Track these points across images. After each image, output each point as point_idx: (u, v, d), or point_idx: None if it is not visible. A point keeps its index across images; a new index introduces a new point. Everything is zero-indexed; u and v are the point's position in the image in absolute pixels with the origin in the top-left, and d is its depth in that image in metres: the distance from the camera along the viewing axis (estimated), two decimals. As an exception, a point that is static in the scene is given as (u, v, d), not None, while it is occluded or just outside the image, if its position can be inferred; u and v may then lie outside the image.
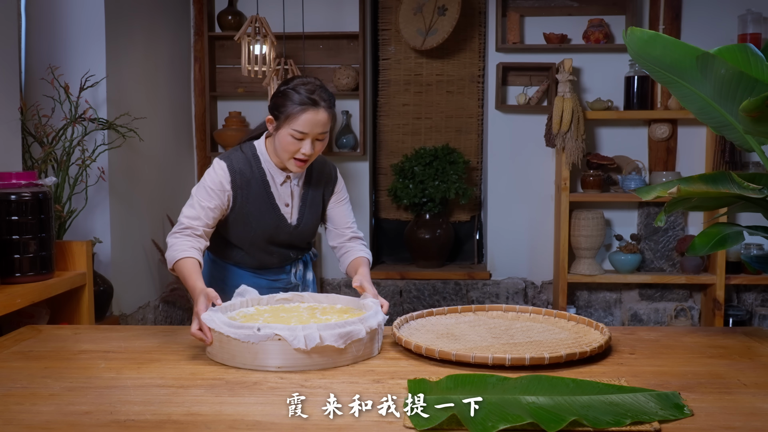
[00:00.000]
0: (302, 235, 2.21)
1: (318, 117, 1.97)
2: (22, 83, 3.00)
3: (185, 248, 1.95)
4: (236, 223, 2.13)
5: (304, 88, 1.98)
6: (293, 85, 2.00)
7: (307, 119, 1.96)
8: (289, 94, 1.98)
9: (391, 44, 4.60)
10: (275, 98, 2.03)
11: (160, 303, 3.93)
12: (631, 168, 4.23)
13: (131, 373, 1.61)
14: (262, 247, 2.18)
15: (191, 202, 2.05)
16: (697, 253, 2.00)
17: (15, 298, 2.21)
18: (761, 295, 4.30)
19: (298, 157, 2.01)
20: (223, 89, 4.52)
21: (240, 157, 2.11)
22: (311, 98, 1.96)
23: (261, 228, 2.13)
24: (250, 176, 2.09)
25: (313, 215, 2.20)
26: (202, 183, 2.07)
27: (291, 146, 2.00)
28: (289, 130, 1.98)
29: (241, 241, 2.17)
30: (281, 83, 2.06)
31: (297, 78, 2.04)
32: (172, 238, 2.01)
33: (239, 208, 2.10)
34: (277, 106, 2.01)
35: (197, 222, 2.01)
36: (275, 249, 2.20)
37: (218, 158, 2.10)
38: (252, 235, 2.15)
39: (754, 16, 3.96)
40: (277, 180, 2.12)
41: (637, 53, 1.75)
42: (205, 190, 2.05)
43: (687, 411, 1.35)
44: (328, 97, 2.00)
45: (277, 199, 2.13)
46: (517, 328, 1.95)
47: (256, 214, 2.11)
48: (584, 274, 4.15)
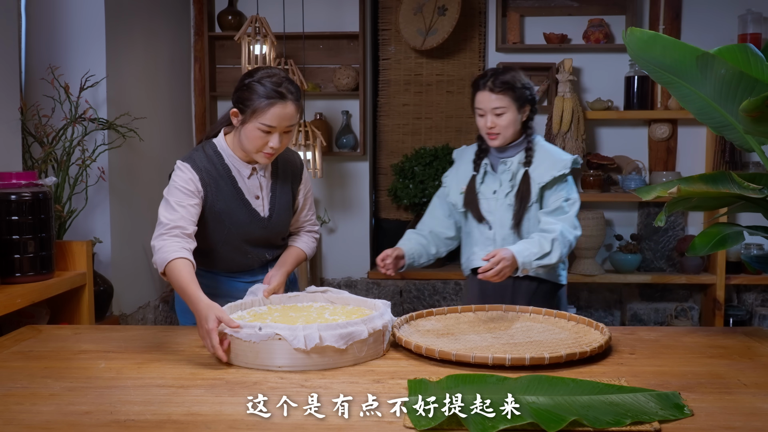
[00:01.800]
0: (276, 228, 2.13)
1: (286, 110, 1.91)
2: (22, 83, 3.00)
3: (176, 249, 1.85)
4: (208, 224, 2.03)
5: (270, 81, 1.91)
6: (258, 78, 1.92)
7: (274, 113, 1.90)
8: (254, 87, 1.91)
9: (391, 44, 4.60)
10: (240, 91, 1.95)
11: (160, 303, 3.93)
12: (631, 168, 4.23)
13: (131, 373, 1.61)
14: (236, 246, 2.09)
15: (168, 205, 1.94)
16: (697, 253, 2.00)
17: (15, 298, 2.21)
18: (761, 295, 4.30)
19: (266, 150, 1.95)
20: (224, 89, 4.51)
21: (201, 156, 2.03)
22: (278, 91, 1.90)
23: (234, 226, 2.05)
24: (216, 174, 2.02)
25: (284, 206, 2.12)
26: (173, 185, 1.97)
27: (258, 140, 1.93)
28: (256, 123, 1.91)
29: (213, 242, 2.07)
30: (245, 75, 1.98)
31: (261, 69, 1.96)
32: (159, 241, 1.88)
33: (209, 207, 2.01)
34: (243, 99, 1.93)
35: (183, 221, 1.91)
36: (250, 249, 2.11)
37: (180, 160, 2.01)
38: (226, 234, 2.06)
39: (754, 16, 3.96)
40: (244, 173, 2.05)
41: (637, 53, 1.75)
42: (179, 191, 1.96)
43: (687, 411, 1.35)
44: (294, 89, 1.94)
45: (247, 194, 2.06)
46: (517, 328, 1.95)
47: (227, 212, 2.03)
48: (584, 274, 4.14)
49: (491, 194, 2.31)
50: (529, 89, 2.25)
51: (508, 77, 2.21)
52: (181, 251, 1.85)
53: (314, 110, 4.40)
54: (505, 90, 2.20)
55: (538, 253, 2.11)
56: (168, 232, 1.89)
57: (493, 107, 2.21)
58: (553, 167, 2.23)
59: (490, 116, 2.22)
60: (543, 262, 2.12)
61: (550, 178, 2.22)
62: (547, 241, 2.14)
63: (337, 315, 1.85)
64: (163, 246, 1.86)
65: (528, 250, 2.11)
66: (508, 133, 2.24)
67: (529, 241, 2.15)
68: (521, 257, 2.08)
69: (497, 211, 2.29)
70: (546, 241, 2.14)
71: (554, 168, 2.23)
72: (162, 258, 1.84)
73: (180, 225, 1.90)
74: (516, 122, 2.24)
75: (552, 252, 2.13)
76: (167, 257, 1.83)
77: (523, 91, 2.23)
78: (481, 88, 2.23)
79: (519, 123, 2.26)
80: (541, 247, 2.12)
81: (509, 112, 2.21)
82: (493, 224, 2.29)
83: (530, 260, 2.10)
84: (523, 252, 2.09)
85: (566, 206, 2.23)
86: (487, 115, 2.22)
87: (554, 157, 2.26)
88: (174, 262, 1.82)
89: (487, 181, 2.32)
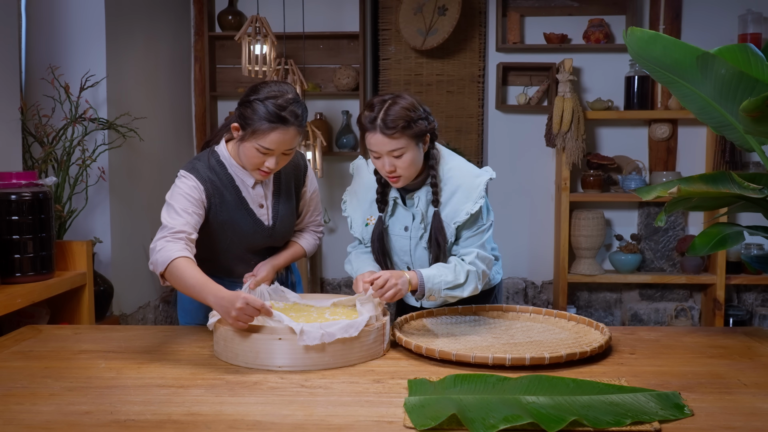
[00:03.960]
0: (280, 235, 2.08)
1: (286, 136, 1.85)
2: (23, 83, 3.00)
3: (179, 249, 1.78)
4: (210, 234, 1.98)
5: (274, 103, 1.83)
6: (264, 96, 1.84)
7: (274, 138, 1.84)
8: (257, 108, 1.84)
9: (392, 44, 4.60)
10: (242, 107, 1.87)
11: (161, 303, 3.93)
12: (631, 168, 4.23)
13: (131, 373, 1.61)
14: (239, 254, 2.05)
15: (172, 210, 1.87)
16: (697, 253, 2.00)
17: (15, 298, 2.21)
18: (761, 295, 4.30)
19: (263, 169, 1.90)
20: (224, 89, 4.52)
21: (205, 166, 1.97)
22: (281, 116, 1.83)
23: (237, 235, 2.01)
24: (220, 184, 1.97)
25: (288, 212, 2.08)
26: (178, 192, 1.91)
27: (255, 159, 1.88)
28: (254, 144, 1.85)
29: (216, 251, 2.02)
30: (250, 90, 1.89)
31: (268, 86, 1.88)
32: (160, 243, 1.81)
33: (213, 218, 1.96)
34: (244, 117, 1.86)
35: (187, 227, 1.85)
36: (252, 256, 2.07)
37: (183, 170, 1.95)
38: (228, 243, 2.02)
39: (754, 16, 3.96)
40: (248, 183, 2.00)
41: (637, 53, 1.75)
42: (184, 198, 1.89)
43: (687, 411, 1.35)
44: (300, 112, 1.87)
45: (251, 203, 2.01)
46: (517, 328, 1.95)
47: (231, 222, 1.98)
48: (584, 274, 4.14)
49: (403, 231, 2.04)
50: (425, 118, 1.91)
51: (400, 114, 1.85)
52: (184, 251, 1.79)
53: (314, 110, 4.41)
54: (400, 130, 1.85)
55: (451, 282, 1.89)
56: (171, 235, 1.82)
57: (388, 150, 1.87)
58: (467, 200, 1.95)
59: (387, 158, 1.89)
60: (454, 293, 1.91)
61: (467, 216, 1.94)
62: (463, 271, 1.91)
63: (337, 315, 1.85)
64: (165, 247, 1.79)
65: (440, 276, 1.89)
66: (410, 173, 1.92)
67: (445, 267, 1.92)
68: (430, 283, 1.87)
69: (415, 251, 2.03)
70: (462, 270, 1.91)
71: (468, 201, 1.95)
72: (164, 257, 1.77)
73: (184, 230, 1.84)
74: (417, 159, 1.91)
75: (466, 284, 1.91)
76: (171, 255, 1.76)
77: (420, 123, 1.89)
78: (371, 129, 1.88)
79: (421, 157, 1.94)
80: (456, 276, 1.90)
81: (408, 152, 1.88)
82: (413, 265, 2.05)
83: (440, 288, 1.88)
84: (433, 278, 1.88)
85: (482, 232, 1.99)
86: (384, 157, 1.89)
87: (466, 187, 1.96)
88: (178, 261, 1.76)
89: (398, 214, 2.04)
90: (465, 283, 1.91)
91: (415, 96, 1.95)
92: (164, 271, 1.77)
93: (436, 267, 1.92)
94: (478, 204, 1.94)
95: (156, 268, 1.80)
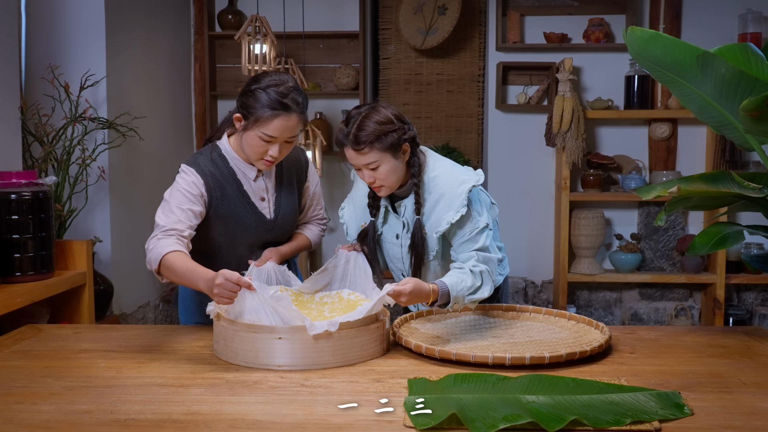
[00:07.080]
0: (282, 229, 2.10)
1: (289, 123, 1.88)
2: (23, 83, 3.00)
3: (170, 244, 1.80)
4: (213, 228, 2.00)
5: (275, 91, 1.86)
6: (265, 85, 1.87)
7: (277, 125, 1.87)
8: (259, 96, 1.86)
9: (392, 43, 4.60)
10: (245, 97, 1.90)
11: (160, 302, 3.93)
12: (631, 167, 4.23)
13: (131, 373, 1.61)
14: (242, 249, 2.06)
15: (168, 207, 1.90)
16: (697, 253, 2.00)
17: (15, 298, 2.21)
18: (761, 294, 4.30)
19: (266, 158, 1.93)
20: (224, 88, 4.52)
21: (206, 160, 1.99)
22: (283, 103, 1.86)
23: (240, 229, 2.02)
24: (221, 178, 1.99)
25: (290, 206, 2.10)
26: (177, 187, 1.93)
27: (259, 148, 1.90)
28: (258, 132, 1.88)
29: (218, 245, 2.04)
30: (251, 80, 1.92)
31: (269, 75, 1.91)
32: (152, 242, 1.84)
33: (215, 211, 1.98)
34: (247, 106, 1.89)
35: (180, 225, 1.86)
36: (256, 250, 2.08)
37: (185, 164, 1.97)
38: (231, 237, 2.03)
39: (754, 16, 3.96)
40: (249, 176, 2.02)
41: (637, 52, 1.75)
42: (181, 194, 1.92)
43: (687, 410, 1.35)
44: (301, 100, 1.90)
45: (253, 196, 2.03)
46: (517, 328, 1.95)
47: (233, 216, 2.00)
48: (584, 274, 4.14)
49: (394, 239, 2.05)
50: (398, 129, 1.89)
51: (371, 129, 1.86)
52: (175, 245, 1.81)
53: (314, 109, 4.41)
54: (369, 144, 1.86)
55: (472, 287, 1.87)
56: (162, 233, 1.85)
57: (363, 164, 1.90)
58: (449, 208, 1.91)
59: (366, 171, 1.92)
60: (475, 297, 1.88)
61: (447, 226, 1.91)
62: (476, 272, 1.88)
63: (335, 312, 1.85)
64: (156, 244, 1.82)
65: (461, 283, 1.86)
66: (391, 182, 1.92)
67: (460, 272, 1.89)
68: (455, 291, 1.84)
69: (407, 258, 2.03)
70: (476, 272, 1.88)
71: (450, 209, 1.91)
72: (156, 254, 1.79)
73: (176, 228, 1.86)
74: (396, 169, 1.91)
75: (483, 285, 1.88)
76: (162, 252, 1.79)
77: (391, 135, 1.87)
78: (345, 144, 1.91)
79: (401, 166, 1.93)
80: (474, 279, 1.88)
81: (384, 164, 1.89)
82: (407, 273, 2.05)
83: (463, 294, 1.85)
84: (456, 285, 1.85)
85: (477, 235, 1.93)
86: (363, 170, 1.92)
87: (448, 196, 1.93)
88: (169, 255, 1.78)
89: (390, 222, 2.05)
90: (482, 285, 1.89)
91: (391, 107, 1.94)
92: (158, 267, 1.81)
93: (453, 274, 1.89)
94: (459, 213, 1.90)
95: (151, 266, 1.83)
